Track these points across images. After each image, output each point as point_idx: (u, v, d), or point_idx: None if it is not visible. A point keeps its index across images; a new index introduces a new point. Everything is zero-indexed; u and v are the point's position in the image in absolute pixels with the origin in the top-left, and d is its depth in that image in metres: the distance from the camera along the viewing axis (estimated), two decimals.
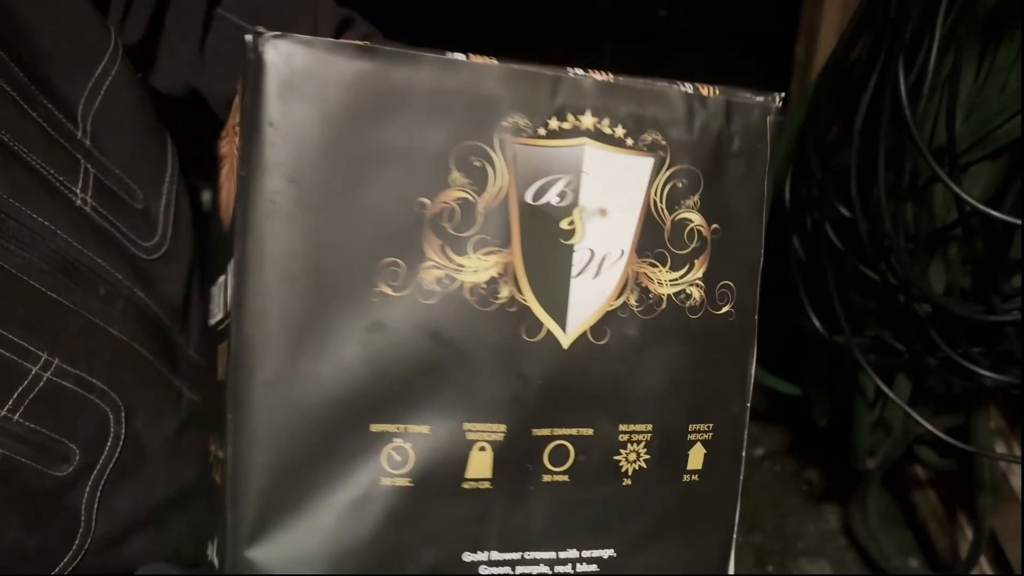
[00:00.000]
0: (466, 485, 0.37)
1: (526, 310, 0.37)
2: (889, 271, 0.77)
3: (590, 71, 0.37)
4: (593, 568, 0.39)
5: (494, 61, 0.36)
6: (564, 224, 0.37)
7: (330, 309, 0.35)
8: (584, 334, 0.37)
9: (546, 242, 0.36)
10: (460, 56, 0.36)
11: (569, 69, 0.37)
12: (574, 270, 0.37)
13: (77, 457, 0.40)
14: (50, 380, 0.39)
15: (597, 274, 0.37)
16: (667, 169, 0.38)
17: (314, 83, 0.34)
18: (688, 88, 0.38)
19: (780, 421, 1.24)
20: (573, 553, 0.39)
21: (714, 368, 0.40)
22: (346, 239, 0.34)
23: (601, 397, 0.38)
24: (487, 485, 0.37)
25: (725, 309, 0.39)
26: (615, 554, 0.39)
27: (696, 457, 0.40)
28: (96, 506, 0.41)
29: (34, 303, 0.38)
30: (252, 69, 0.34)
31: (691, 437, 0.40)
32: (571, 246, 0.37)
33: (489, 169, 0.35)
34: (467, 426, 0.37)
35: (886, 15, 0.67)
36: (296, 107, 0.34)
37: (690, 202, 0.38)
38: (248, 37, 0.34)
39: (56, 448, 0.39)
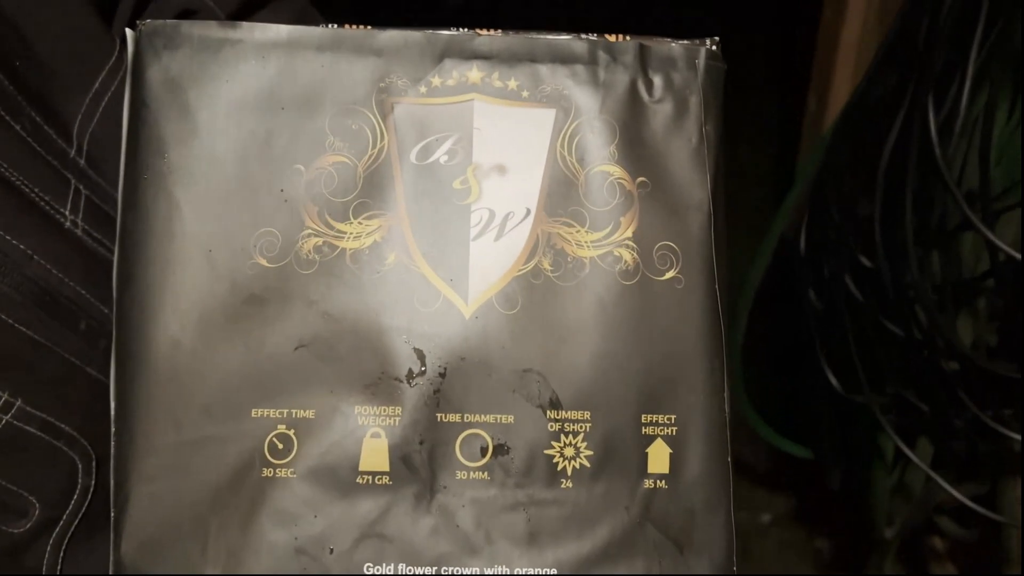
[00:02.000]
0: (360, 479, 0.33)
1: (418, 276, 0.34)
2: (914, 324, 0.72)
3: (476, 29, 0.36)
4: None
5: (369, 28, 0.35)
6: (456, 183, 0.35)
7: (211, 285, 0.33)
8: (489, 300, 0.34)
9: (436, 203, 0.34)
10: (333, 25, 0.35)
11: (452, 28, 0.36)
12: (472, 232, 0.34)
13: (36, 512, 0.36)
14: (10, 424, 0.34)
15: (499, 236, 0.34)
16: (572, 120, 0.35)
17: (186, 64, 0.34)
18: (591, 36, 0.36)
19: (788, 486, 1.18)
20: (502, 570, 0.33)
21: (666, 345, 0.35)
22: (224, 214, 0.34)
23: (522, 377, 0.34)
24: (386, 480, 0.33)
25: (669, 275, 0.35)
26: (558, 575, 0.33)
27: (658, 457, 0.34)
28: (60, 565, 0.36)
29: None
30: (131, 55, 0.34)
31: (647, 431, 0.34)
32: (467, 206, 0.34)
33: (367, 131, 0.34)
34: (358, 410, 0.33)
35: (914, 49, 0.63)
36: (168, 87, 0.34)
37: (605, 153, 0.35)
38: (129, 31, 0.35)
39: (12, 502, 0.35)
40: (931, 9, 0.62)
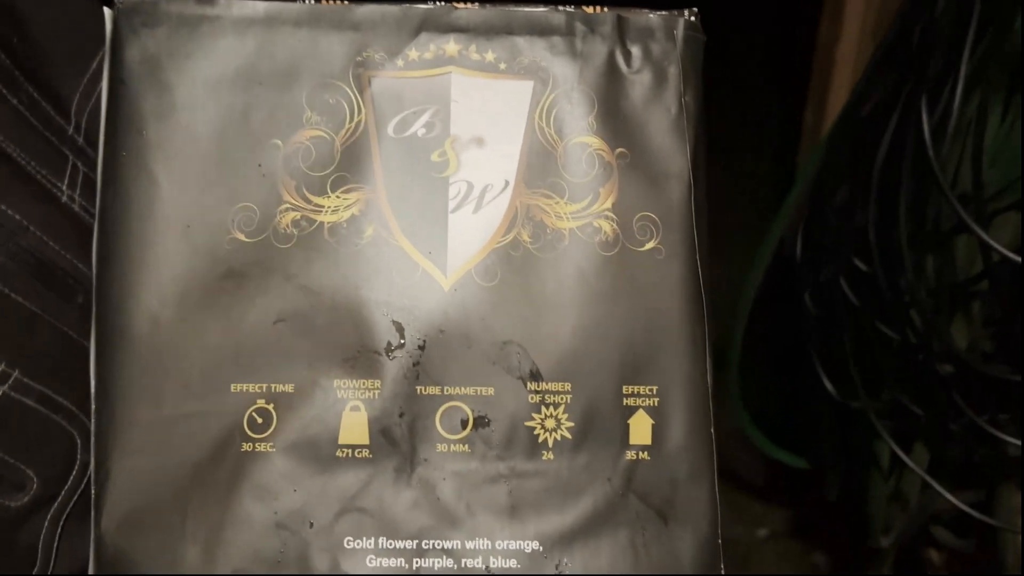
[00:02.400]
0: (340, 453, 0.33)
1: (396, 249, 0.34)
2: (909, 328, 0.73)
3: (453, 2, 0.36)
4: (512, 564, 0.33)
5: (346, 3, 0.35)
6: (435, 156, 0.35)
7: (189, 261, 0.34)
8: (468, 273, 0.34)
9: (414, 176, 0.34)
10: (311, 1, 0.35)
11: (429, 1, 0.36)
12: (450, 204, 0.34)
13: (34, 486, 0.35)
14: (8, 395, 0.34)
15: (478, 208, 0.34)
16: (550, 91, 0.35)
17: (163, 41, 0.34)
18: (568, 7, 0.36)
19: (784, 499, 1.18)
20: (484, 543, 0.33)
21: (646, 316, 0.34)
22: (202, 190, 0.34)
23: (502, 349, 0.34)
24: (366, 453, 0.33)
25: (650, 245, 0.35)
26: (540, 548, 0.33)
27: (640, 428, 0.34)
28: (56, 543, 0.36)
29: None
30: (109, 33, 0.35)
31: (628, 402, 0.34)
32: (445, 179, 0.35)
33: (345, 105, 0.35)
34: (337, 383, 0.33)
35: (909, 52, 0.64)
36: (146, 65, 0.34)
37: (584, 124, 0.35)
38: (107, 9, 0.35)
39: (10, 474, 0.35)
40: (926, 13, 0.63)
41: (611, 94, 0.36)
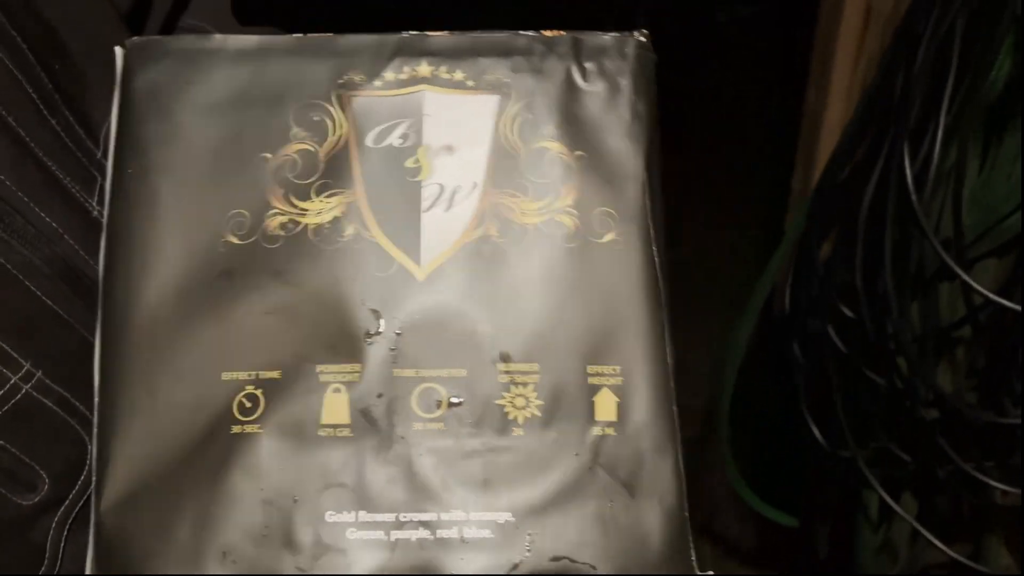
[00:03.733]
0: (323, 432, 0.35)
1: (374, 245, 0.37)
2: (895, 373, 0.74)
3: (426, 32, 0.40)
4: (486, 534, 0.34)
5: (330, 34, 0.40)
6: (409, 163, 0.38)
7: (187, 263, 0.36)
8: (441, 266, 0.37)
9: (391, 181, 0.38)
10: (296, 35, 0.39)
11: (404, 32, 0.40)
12: (423, 204, 0.38)
13: (45, 487, 0.37)
14: (29, 394, 0.36)
15: (449, 207, 0.38)
16: (514, 103, 0.39)
17: (167, 73, 0.38)
18: (529, 32, 0.40)
19: (774, 560, 1.17)
20: (459, 515, 0.35)
21: (608, 301, 0.37)
22: (198, 200, 0.37)
23: (473, 334, 0.36)
24: (347, 432, 0.35)
25: (609, 237, 0.38)
26: (513, 519, 0.35)
27: (605, 405, 0.37)
28: (63, 544, 0.37)
29: (26, 306, 0.36)
30: (120, 67, 0.39)
31: (593, 381, 0.37)
32: (418, 182, 0.38)
33: (328, 122, 0.38)
34: (320, 368, 0.36)
35: (890, 103, 0.67)
36: (151, 94, 0.38)
37: (545, 131, 0.39)
38: (118, 48, 0.39)
39: (23, 473, 0.36)
40: (906, 65, 0.66)
41: (569, 104, 0.39)
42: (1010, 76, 0.63)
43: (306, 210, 0.37)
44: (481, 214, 0.38)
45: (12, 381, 0.35)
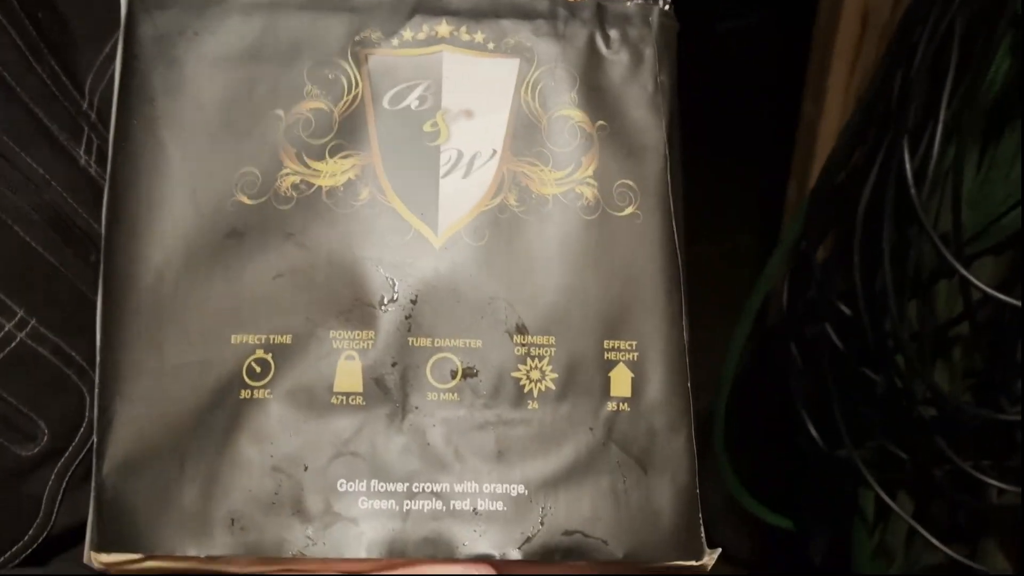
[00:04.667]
0: (335, 400, 0.34)
1: (390, 210, 0.36)
2: (893, 372, 0.75)
3: None
4: (499, 506, 0.34)
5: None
6: (427, 127, 0.37)
7: (194, 221, 0.35)
8: (458, 233, 0.36)
9: (408, 144, 0.37)
10: None
11: None
12: (441, 170, 0.37)
13: (45, 438, 0.36)
14: (24, 343, 0.35)
15: (467, 174, 0.37)
16: (535, 69, 0.38)
17: (174, 22, 0.37)
18: None
19: (769, 563, 1.17)
20: (471, 486, 0.34)
21: (626, 276, 0.37)
22: (207, 156, 0.36)
23: (489, 304, 0.36)
24: (359, 400, 0.34)
25: (628, 211, 0.37)
26: (526, 492, 0.34)
27: (620, 381, 0.36)
28: (60, 497, 0.37)
29: (17, 253, 0.36)
30: (124, 13, 0.37)
31: (609, 356, 0.36)
32: (436, 147, 0.37)
33: (343, 80, 0.37)
34: (333, 334, 0.35)
35: (889, 103, 0.68)
36: (157, 42, 0.37)
37: (566, 99, 0.38)
38: None
39: (22, 423, 0.36)
40: (905, 65, 0.67)
41: (591, 72, 0.38)
42: (1009, 75, 0.64)
43: (319, 171, 0.36)
44: (499, 182, 0.37)
45: (6, 328, 0.35)
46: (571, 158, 0.37)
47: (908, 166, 0.64)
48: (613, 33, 0.39)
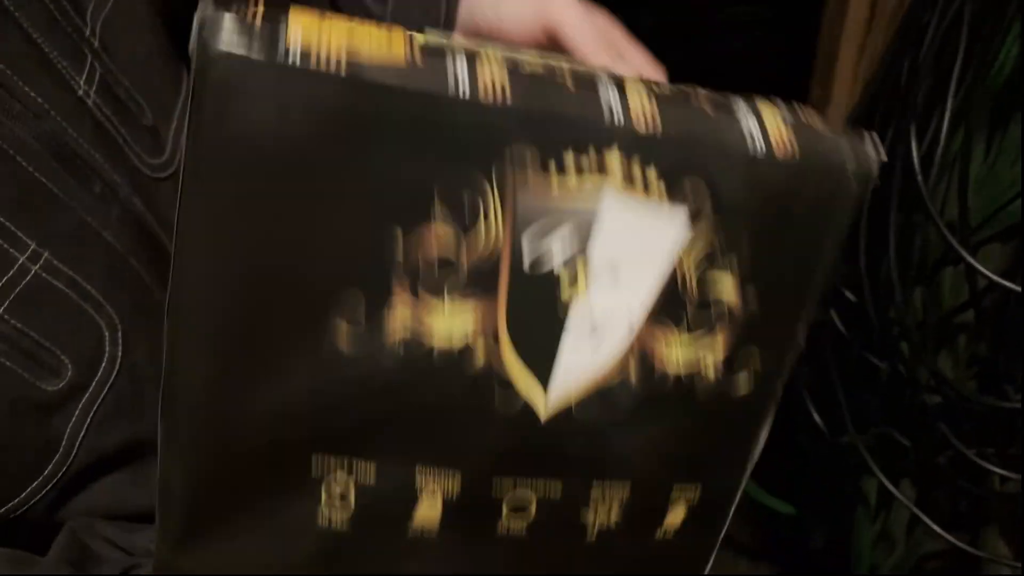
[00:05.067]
0: (411, 534, 0.33)
1: (504, 381, 0.31)
2: (898, 359, 0.75)
3: (632, 109, 0.29)
4: None
5: (505, 93, 0.28)
6: (564, 274, 0.31)
7: (275, 328, 0.30)
8: (568, 409, 0.32)
9: (540, 295, 0.31)
10: (463, 84, 0.28)
11: (607, 104, 0.29)
12: (568, 333, 0.31)
13: (69, 372, 0.36)
14: (39, 276, 0.35)
15: (595, 336, 0.32)
16: (702, 223, 0.31)
17: (270, 98, 0.27)
18: (756, 133, 0.30)
19: (771, 548, 1.17)
20: None
21: (717, 434, 0.35)
22: (301, 257, 0.29)
23: (577, 457, 0.33)
24: (434, 535, 0.34)
25: (743, 378, 0.33)
26: None
27: (676, 515, 0.36)
28: (82, 435, 0.36)
29: (21, 185, 0.35)
30: (200, 75, 0.27)
31: (674, 495, 0.35)
32: (568, 302, 0.31)
33: (481, 204, 0.29)
34: (419, 468, 0.32)
35: (897, 88, 0.68)
36: (247, 116, 0.27)
37: (725, 262, 0.31)
38: (194, 45, 0.26)
39: (46, 357, 0.35)
40: (913, 50, 0.67)
41: (763, 238, 0.32)
42: (1017, 61, 0.64)
43: (433, 323, 0.30)
44: (627, 353, 0.32)
45: (20, 261, 0.34)
46: (706, 324, 0.32)
47: (915, 152, 0.64)
48: (810, 194, 0.31)
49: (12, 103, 0.35)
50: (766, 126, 0.30)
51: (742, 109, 0.31)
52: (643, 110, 0.29)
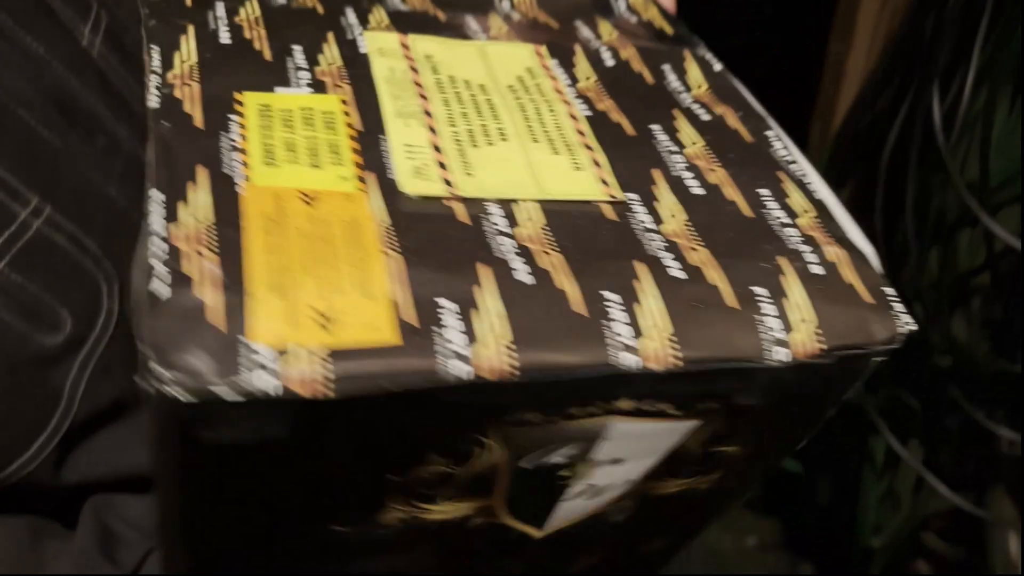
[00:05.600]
0: None
1: (499, 527, 0.32)
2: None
3: (645, 347, 0.25)
4: None
5: (513, 366, 0.24)
6: (564, 472, 0.30)
7: (279, 533, 0.30)
8: (563, 529, 0.34)
9: (538, 488, 0.30)
10: (459, 370, 0.23)
11: (617, 350, 0.25)
12: (565, 498, 0.31)
13: (68, 326, 0.35)
14: (40, 230, 0.34)
15: (592, 497, 0.32)
16: (710, 425, 0.30)
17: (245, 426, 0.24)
18: (778, 332, 0.27)
19: (775, 508, 1.18)
20: None
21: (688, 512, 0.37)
22: (298, 496, 0.28)
23: (566, 543, 0.35)
24: None
25: (718, 480, 0.33)
26: None
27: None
28: (81, 388, 0.36)
29: (23, 138, 0.34)
30: (160, 418, 0.23)
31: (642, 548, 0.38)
32: (567, 485, 0.30)
33: (477, 449, 0.27)
34: None
35: (920, 45, 0.66)
36: (217, 440, 0.24)
37: (730, 440, 0.31)
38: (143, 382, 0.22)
39: (46, 311, 0.35)
40: (938, 6, 0.65)
41: (764, 416, 0.30)
42: None
43: (431, 509, 0.29)
44: (622, 497, 0.32)
45: (23, 216, 0.34)
46: (697, 472, 0.32)
47: (937, 114, 0.63)
48: (816, 378, 0.29)
49: (13, 53, 0.34)
50: (790, 321, 0.27)
51: (765, 299, 0.27)
52: (658, 347, 0.25)
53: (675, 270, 0.27)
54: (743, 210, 0.30)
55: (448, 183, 0.28)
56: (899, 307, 0.29)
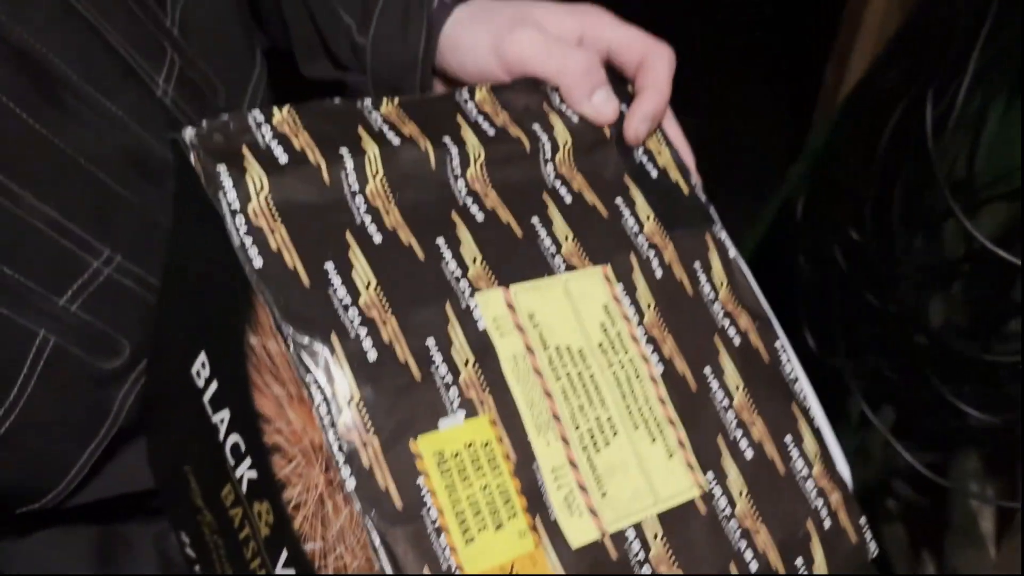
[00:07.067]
0: None
1: None
2: (892, 300, 0.77)
3: None
4: None
5: None
6: None
7: None
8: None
9: None
10: None
11: None
12: None
13: (127, 351, 0.39)
14: (110, 277, 0.38)
15: None
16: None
17: None
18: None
19: None
20: None
21: None
22: None
23: None
24: None
25: None
26: None
27: None
28: (130, 400, 0.40)
29: (100, 196, 0.37)
30: None
31: None
32: None
33: None
34: None
35: (925, 42, 0.67)
36: None
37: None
38: None
39: (107, 343, 0.38)
40: (945, 6, 0.65)
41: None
42: None
43: None
44: None
45: (94, 266, 0.37)
46: None
47: (929, 118, 0.64)
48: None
49: (95, 119, 0.36)
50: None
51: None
52: None
53: (751, 563, 0.34)
54: (779, 469, 0.37)
55: (593, 512, 0.31)
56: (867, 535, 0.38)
